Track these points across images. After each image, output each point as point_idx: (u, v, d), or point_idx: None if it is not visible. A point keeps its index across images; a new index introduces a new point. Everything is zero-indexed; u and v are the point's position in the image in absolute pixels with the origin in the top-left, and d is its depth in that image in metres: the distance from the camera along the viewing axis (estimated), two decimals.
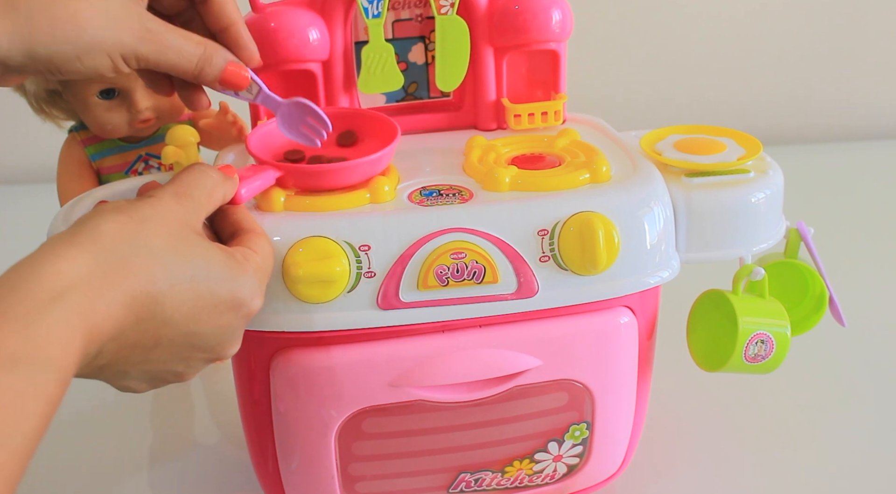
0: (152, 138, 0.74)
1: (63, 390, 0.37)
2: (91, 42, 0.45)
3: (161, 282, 0.41)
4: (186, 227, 0.44)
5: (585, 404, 0.59)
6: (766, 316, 0.59)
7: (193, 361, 0.46)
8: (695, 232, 0.58)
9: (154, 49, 0.47)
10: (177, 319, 0.42)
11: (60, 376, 0.36)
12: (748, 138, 0.63)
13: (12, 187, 1.30)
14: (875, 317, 0.89)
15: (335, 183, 0.54)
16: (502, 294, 0.54)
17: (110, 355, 0.41)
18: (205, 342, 0.45)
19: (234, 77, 0.51)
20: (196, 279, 0.43)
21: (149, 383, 0.46)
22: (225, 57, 0.50)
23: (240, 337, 0.47)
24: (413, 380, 0.54)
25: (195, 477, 0.71)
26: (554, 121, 0.65)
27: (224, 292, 0.44)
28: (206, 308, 0.44)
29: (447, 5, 0.61)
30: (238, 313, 0.45)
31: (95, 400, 0.81)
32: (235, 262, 0.45)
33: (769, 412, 0.76)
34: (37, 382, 0.35)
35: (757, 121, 1.30)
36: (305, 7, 0.61)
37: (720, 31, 1.37)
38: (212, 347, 0.45)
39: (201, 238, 0.45)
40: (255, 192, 0.53)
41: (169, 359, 0.44)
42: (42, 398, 0.35)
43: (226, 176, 0.49)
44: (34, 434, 0.35)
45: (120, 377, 0.44)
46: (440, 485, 0.60)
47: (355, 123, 0.59)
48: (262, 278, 0.47)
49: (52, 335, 0.36)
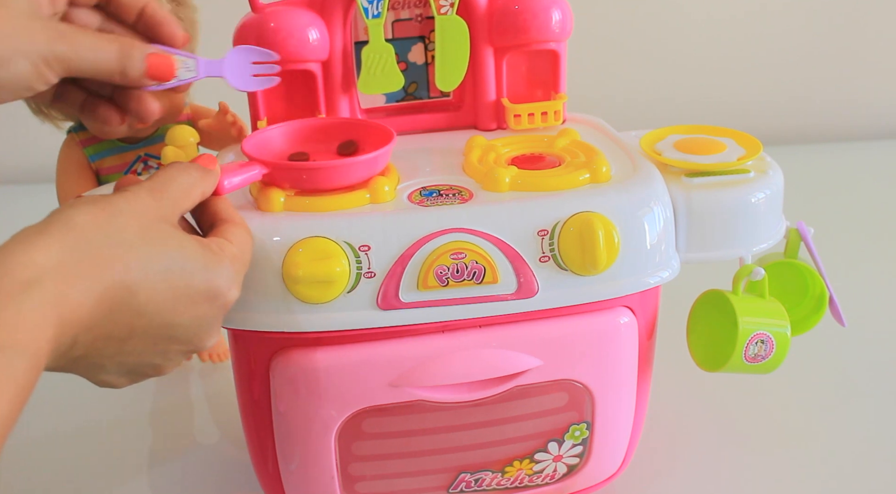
0: (151, 139, 0.74)
1: (34, 377, 0.37)
2: (5, 51, 0.45)
3: (134, 272, 0.41)
4: (161, 220, 0.44)
5: (585, 404, 0.59)
6: (766, 316, 0.59)
7: (170, 353, 0.46)
8: (695, 232, 0.58)
9: (70, 48, 0.47)
10: (151, 309, 0.42)
11: (32, 362, 0.36)
12: (748, 138, 0.63)
13: (12, 187, 1.30)
14: (875, 317, 0.89)
15: (331, 183, 0.54)
16: (502, 294, 0.54)
17: (85, 346, 0.41)
18: (181, 334, 0.45)
19: (159, 66, 0.50)
20: (170, 270, 0.43)
21: (126, 376, 0.45)
22: (143, 49, 0.50)
23: (217, 328, 0.47)
24: (413, 380, 0.54)
25: (195, 477, 0.71)
26: (554, 121, 0.65)
27: (199, 283, 0.44)
28: (181, 299, 0.43)
29: (447, 5, 0.61)
30: (214, 303, 0.45)
31: (95, 400, 0.81)
32: (211, 252, 0.45)
33: (769, 412, 0.76)
34: (8, 367, 0.35)
35: (757, 121, 1.30)
36: (305, 7, 0.61)
37: (720, 32, 1.37)
38: (188, 338, 0.45)
39: (176, 230, 0.45)
40: (239, 185, 0.52)
41: (145, 351, 0.44)
42: (13, 383, 0.35)
43: (205, 173, 0.49)
44: (5, 418, 0.35)
45: (96, 371, 0.44)
46: (440, 485, 0.60)
47: (355, 132, 0.59)
48: (239, 268, 0.47)
49: (24, 321, 0.36)
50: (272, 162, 0.54)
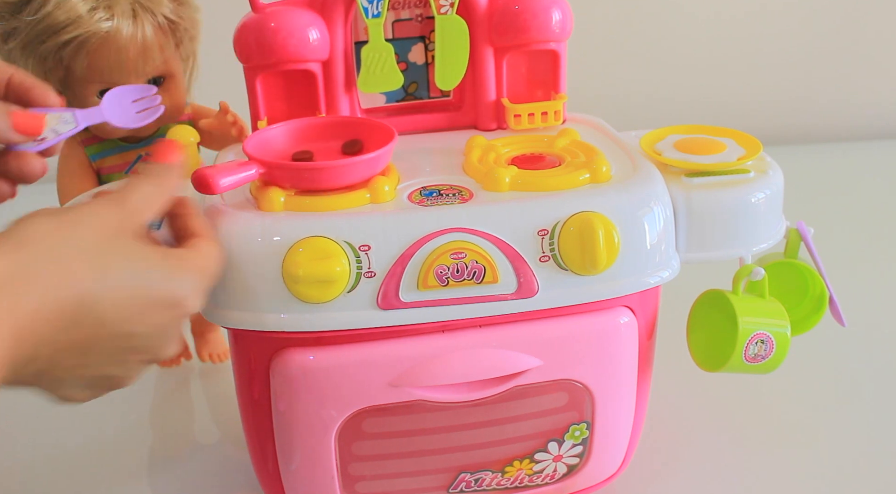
0: (152, 138, 0.74)
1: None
2: None
3: (93, 282, 0.41)
4: (121, 230, 0.44)
5: (585, 404, 0.59)
6: (766, 316, 0.59)
7: (130, 363, 0.45)
8: (695, 232, 0.58)
9: None
10: (111, 319, 0.42)
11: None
12: (748, 138, 0.63)
13: None
14: (875, 317, 0.89)
15: (331, 183, 0.54)
16: (502, 294, 0.54)
17: (45, 360, 0.41)
18: (140, 343, 0.44)
19: (26, 122, 0.49)
20: (130, 279, 0.43)
21: (87, 390, 0.45)
22: (4, 108, 0.49)
23: (176, 338, 0.47)
24: (413, 380, 0.54)
25: (195, 477, 0.71)
26: (554, 121, 0.65)
27: (159, 291, 0.44)
28: (140, 308, 0.43)
29: (447, 5, 0.61)
30: (173, 312, 0.45)
31: (95, 401, 0.81)
32: (173, 261, 0.45)
33: (769, 412, 0.76)
34: None
35: (757, 121, 1.30)
36: (305, 7, 0.61)
37: (720, 31, 1.37)
38: (147, 347, 0.45)
39: (136, 240, 0.45)
40: (233, 184, 0.52)
41: (105, 363, 0.44)
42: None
43: (167, 184, 0.48)
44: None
45: (57, 386, 0.44)
46: (440, 485, 0.60)
47: (359, 131, 0.59)
48: (202, 280, 0.47)
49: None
50: (269, 161, 0.54)
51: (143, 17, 0.65)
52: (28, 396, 0.45)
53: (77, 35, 0.63)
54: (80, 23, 0.63)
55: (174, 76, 0.69)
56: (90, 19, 0.63)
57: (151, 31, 0.65)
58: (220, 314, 0.54)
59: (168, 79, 0.69)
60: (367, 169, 0.55)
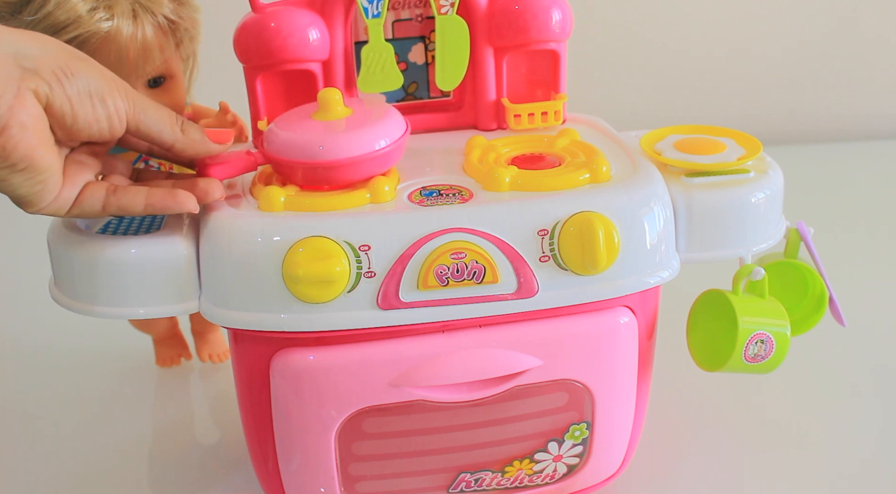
0: None
1: None
2: (108, 87, 0.51)
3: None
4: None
5: (585, 404, 0.59)
6: (765, 316, 0.59)
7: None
8: (695, 232, 0.58)
9: (142, 110, 0.52)
10: None
11: None
12: (748, 138, 0.63)
13: None
14: (875, 317, 0.89)
15: (344, 177, 0.54)
16: (502, 294, 0.54)
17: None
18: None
19: (218, 135, 0.55)
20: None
21: None
22: (199, 127, 0.55)
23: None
24: (413, 380, 0.54)
25: (195, 477, 0.71)
26: (554, 121, 0.65)
27: None
28: None
29: (447, 5, 0.61)
30: None
31: (95, 400, 0.81)
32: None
33: (769, 413, 0.76)
34: None
35: (757, 121, 1.30)
36: (305, 7, 0.61)
37: (720, 32, 1.38)
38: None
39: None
40: (231, 171, 0.55)
41: None
42: None
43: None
44: None
45: None
46: (440, 485, 0.60)
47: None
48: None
49: None
50: (275, 158, 0.54)
51: (144, 17, 0.65)
52: (28, 396, 0.45)
53: (77, 35, 0.63)
54: (80, 23, 0.63)
55: (174, 76, 0.69)
56: (90, 19, 0.63)
57: (151, 31, 0.65)
58: (220, 313, 0.54)
59: (168, 79, 0.69)
60: (375, 165, 0.55)
